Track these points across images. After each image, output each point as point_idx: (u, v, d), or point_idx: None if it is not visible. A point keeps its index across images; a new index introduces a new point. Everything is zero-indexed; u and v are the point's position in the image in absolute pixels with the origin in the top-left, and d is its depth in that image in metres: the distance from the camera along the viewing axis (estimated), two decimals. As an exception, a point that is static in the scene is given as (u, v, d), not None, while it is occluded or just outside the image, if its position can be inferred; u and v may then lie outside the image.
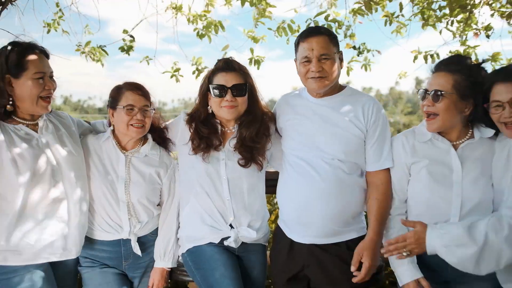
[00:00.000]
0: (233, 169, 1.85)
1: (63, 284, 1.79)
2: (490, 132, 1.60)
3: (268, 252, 2.04)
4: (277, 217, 2.66)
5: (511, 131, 1.49)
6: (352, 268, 1.68)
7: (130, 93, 1.87)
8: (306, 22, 3.57)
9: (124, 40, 3.83)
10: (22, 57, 1.65)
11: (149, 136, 1.98)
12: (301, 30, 3.71)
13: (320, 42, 1.75)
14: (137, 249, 1.89)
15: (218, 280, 1.73)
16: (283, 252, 1.85)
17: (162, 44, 4.23)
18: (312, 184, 1.73)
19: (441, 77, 1.60)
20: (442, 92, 1.57)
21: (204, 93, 1.88)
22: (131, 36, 3.89)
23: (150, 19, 3.77)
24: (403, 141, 1.73)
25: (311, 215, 1.73)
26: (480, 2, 3.66)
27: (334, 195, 1.72)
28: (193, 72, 3.85)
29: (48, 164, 1.69)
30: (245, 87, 1.82)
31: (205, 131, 1.84)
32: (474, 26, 3.72)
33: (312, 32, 1.79)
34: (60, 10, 3.75)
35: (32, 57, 1.66)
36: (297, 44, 1.82)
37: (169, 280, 2.04)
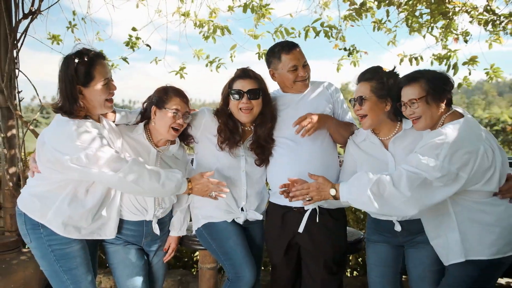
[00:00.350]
0: (251, 165, 2.21)
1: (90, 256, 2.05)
2: (410, 123, 1.93)
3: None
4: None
5: (416, 125, 1.85)
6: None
7: (177, 98, 2.05)
8: (304, 29, 3.94)
9: (130, 36, 4.17)
10: (89, 68, 1.82)
11: (177, 138, 2.16)
12: (296, 34, 4.10)
13: (301, 53, 2.18)
14: (156, 229, 2.14)
15: (232, 247, 2.09)
16: (277, 224, 2.20)
17: (161, 45, 4.50)
18: (299, 154, 2.11)
19: (361, 86, 2.00)
20: (364, 97, 1.97)
21: (225, 97, 2.18)
22: (139, 38, 4.25)
23: (155, 22, 4.13)
24: (350, 140, 2.17)
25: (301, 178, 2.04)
26: (459, 10, 4.04)
27: (316, 159, 2.12)
28: (206, 65, 4.24)
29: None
30: (258, 92, 2.12)
31: (231, 124, 2.15)
32: (454, 32, 4.09)
33: (294, 46, 2.20)
34: (74, 19, 4.10)
35: (98, 66, 1.84)
36: (278, 57, 2.17)
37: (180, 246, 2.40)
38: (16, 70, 3.14)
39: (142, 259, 2.15)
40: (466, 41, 4.12)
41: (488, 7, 3.97)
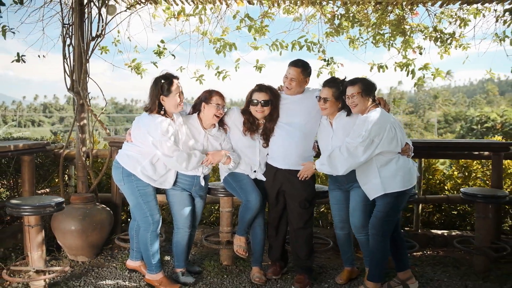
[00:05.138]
0: (262, 145, 3.36)
1: None
2: (344, 112, 3.12)
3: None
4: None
5: (354, 109, 2.98)
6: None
7: (218, 96, 3.14)
8: (292, 43, 5.15)
9: (158, 46, 5.29)
10: (169, 85, 2.97)
11: (217, 123, 3.24)
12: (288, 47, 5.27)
13: (293, 70, 3.25)
14: (202, 182, 3.24)
15: (245, 183, 3.28)
16: (270, 176, 3.35)
17: (166, 45, 5.28)
18: (291, 136, 3.25)
19: (326, 90, 3.08)
20: (327, 98, 3.10)
21: (248, 101, 3.23)
22: (166, 48, 5.44)
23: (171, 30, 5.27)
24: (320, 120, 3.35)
25: (290, 152, 3.22)
26: (414, 29, 5.24)
27: (302, 141, 3.26)
28: (215, 74, 5.33)
29: (180, 135, 3.09)
30: (269, 102, 3.18)
31: (251, 119, 3.23)
32: (411, 46, 5.28)
33: (291, 64, 3.25)
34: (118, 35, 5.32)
35: (174, 84, 2.99)
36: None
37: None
38: (87, 77, 4.36)
39: (190, 200, 3.32)
40: (420, 53, 5.31)
41: (437, 28, 5.19)
